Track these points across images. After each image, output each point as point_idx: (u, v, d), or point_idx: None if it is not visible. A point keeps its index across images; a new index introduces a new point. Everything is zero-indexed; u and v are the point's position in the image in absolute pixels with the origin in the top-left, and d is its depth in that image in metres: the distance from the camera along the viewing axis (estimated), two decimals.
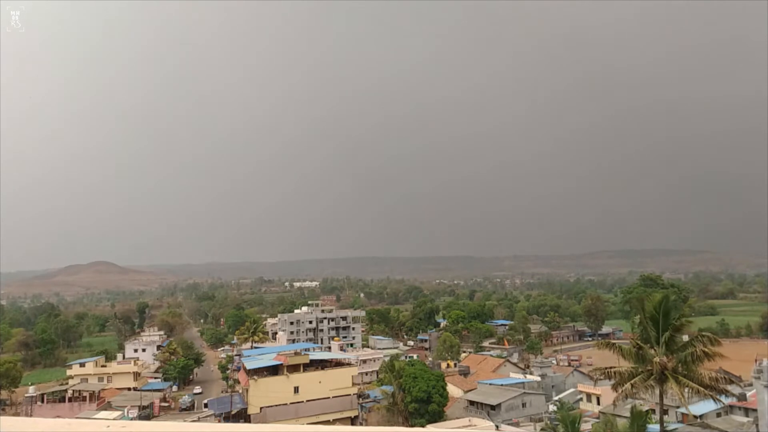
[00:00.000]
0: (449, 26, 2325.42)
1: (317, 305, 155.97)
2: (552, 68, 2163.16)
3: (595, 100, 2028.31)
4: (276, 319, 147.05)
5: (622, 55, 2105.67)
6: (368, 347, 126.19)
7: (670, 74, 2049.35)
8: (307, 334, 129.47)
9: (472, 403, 69.46)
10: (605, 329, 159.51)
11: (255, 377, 67.61)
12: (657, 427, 38.68)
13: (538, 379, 78.07)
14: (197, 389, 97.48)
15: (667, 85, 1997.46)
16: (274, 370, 69.63)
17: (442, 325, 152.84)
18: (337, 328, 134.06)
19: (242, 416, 66.73)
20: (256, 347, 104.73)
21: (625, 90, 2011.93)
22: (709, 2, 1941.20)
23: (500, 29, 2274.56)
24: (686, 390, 34.25)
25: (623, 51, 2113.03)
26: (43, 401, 77.71)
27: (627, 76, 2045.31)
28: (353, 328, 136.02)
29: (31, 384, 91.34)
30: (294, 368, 69.10)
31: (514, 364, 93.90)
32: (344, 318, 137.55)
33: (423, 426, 56.80)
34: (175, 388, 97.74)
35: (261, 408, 65.19)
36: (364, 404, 73.39)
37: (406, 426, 62.41)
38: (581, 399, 71.65)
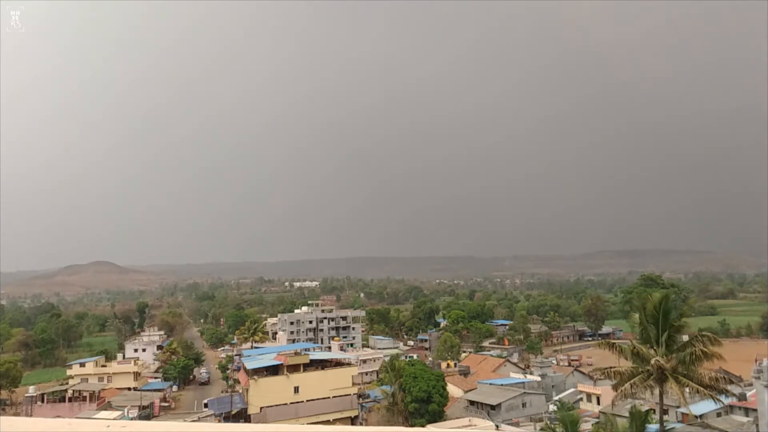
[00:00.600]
0: (462, 41, 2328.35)
1: (317, 305, 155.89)
2: (548, 66, 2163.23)
3: (593, 100, 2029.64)
4: (276, 319, 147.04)
5: (623, 62, 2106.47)
6: (368, 347, 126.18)
7: (669, 73, 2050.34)
8: (307, 334, 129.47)
9: (472, 403, 69.47)
10: (605, 329, 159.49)
11: (255, 377, 67.61)
12: (657, 426, 38.70)
13: (538, 379, 78.06)
14: (204, 371, 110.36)
15: (665, 84, 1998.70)
16: (274, 370, 69.61)
17: (442, 324, 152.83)
18: (337, 328, 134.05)
19: (242, 416, 66.74)
20: (256, 347, 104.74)
21: (624, 88, 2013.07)
22: (712, 17, 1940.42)
23: (495, 25, 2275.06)
24: (686, 390, 34.25)
25: (623, 59, 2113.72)
26: (43, 401, 77.60)
27: (625, 75, 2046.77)
28: (353, 328, 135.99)
29: (32, 384, 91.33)
30: (294, 368, 69.08)
31: (514, 364, 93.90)
32: (344, 318, 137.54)
33: (423, 426, 56.82)
34: (175, 388, 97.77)
35: (261, 408, 65.18)
36: (364, 404, 73.39)
37: (406, 426, 62.39)
38: (581, 399, 71.67)
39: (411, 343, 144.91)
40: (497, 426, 54.69)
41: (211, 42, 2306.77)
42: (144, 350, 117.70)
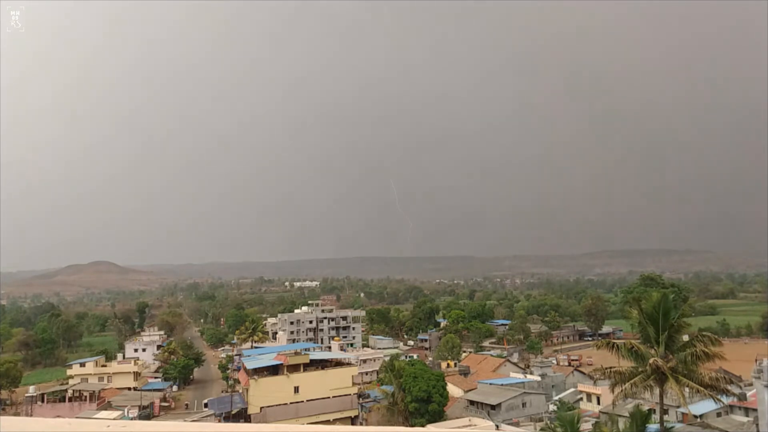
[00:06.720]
0: (445, 27, 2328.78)
1: (317, 305, 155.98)
2: (548, 67, 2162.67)
3: (593, 100, 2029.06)
4: (276, 318, 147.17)
5: (619, 54, 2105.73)
6: (368, 347, 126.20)
7: (669, 72, 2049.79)
8: (307, 334, 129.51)
9: (472, 402, 69.46)
10: (605, 329, 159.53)
11: (255, 377, 67.63)
12: (657, 426, 38.69)
13: (538, 378, 78.03)
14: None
15: (666, 83, 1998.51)
16: (274, 370, 69.66)
17: (442, 324, 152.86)
18: (337, 328, 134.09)
19: (242, 416, 66.74)
20: (256, 347, 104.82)
21: (623, 88, 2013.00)
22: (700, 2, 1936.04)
23: (493, 30, 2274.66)
24: (686, 390, 34.21)
25: (619, 50, 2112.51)
26: (43, 401, 77.62)
27: (625, 74, 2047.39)
28: (353, 328, 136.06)
29: (32, 384, 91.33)
30: (294, 368, 69.11)
31: (515, 364, 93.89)
32: (344, 318, 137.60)
33: (423, 426, 56.74)
34: (175, 388, 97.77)
35: (261, 408, 65.22)
36: (364, 404, 73.35)
37: (406, 426, 62.36)
38: (581, 399, 71.64)
39: (411, 343, 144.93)
40: (497, 426, 54.66)
41: (207, 43, 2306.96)
42: (144, 350, 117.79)
